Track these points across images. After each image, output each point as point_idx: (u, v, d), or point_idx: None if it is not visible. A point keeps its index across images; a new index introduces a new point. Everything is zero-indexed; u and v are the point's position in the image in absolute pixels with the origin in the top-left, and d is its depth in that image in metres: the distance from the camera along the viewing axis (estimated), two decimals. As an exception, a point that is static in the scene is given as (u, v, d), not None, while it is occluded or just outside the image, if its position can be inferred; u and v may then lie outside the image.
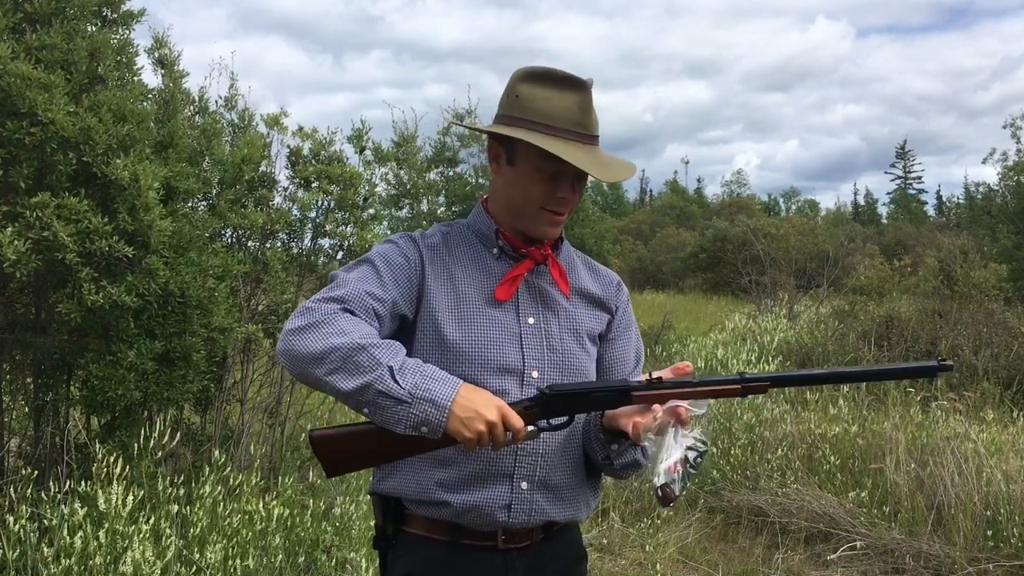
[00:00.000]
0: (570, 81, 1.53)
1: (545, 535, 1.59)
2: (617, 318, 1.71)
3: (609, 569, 4.32)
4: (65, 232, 3.03)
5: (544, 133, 1.49)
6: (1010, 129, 17.05)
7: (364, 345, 1.36)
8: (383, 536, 1.59)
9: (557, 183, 1.53)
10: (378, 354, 1.35)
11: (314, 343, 1.37)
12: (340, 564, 3.61)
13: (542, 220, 1.56)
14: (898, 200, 59.66)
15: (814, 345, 8.39)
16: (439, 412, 1.33)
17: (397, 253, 1.56)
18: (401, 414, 1.34)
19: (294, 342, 1.39)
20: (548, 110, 1.51)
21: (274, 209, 4.47)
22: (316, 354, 1.36)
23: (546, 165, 1.51)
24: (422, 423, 1.34)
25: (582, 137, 1.52)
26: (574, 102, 1.52)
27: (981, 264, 11.87)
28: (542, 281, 1.62)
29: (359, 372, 1.34)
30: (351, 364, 1.35)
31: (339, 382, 1.35)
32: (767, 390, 1.53)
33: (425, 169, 13.79)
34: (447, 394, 1.34)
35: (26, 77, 3.03)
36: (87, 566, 2.90)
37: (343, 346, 1.35)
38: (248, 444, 4.22)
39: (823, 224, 25.66)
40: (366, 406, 1.36)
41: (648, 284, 26.18)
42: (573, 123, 1.51)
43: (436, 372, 1.38)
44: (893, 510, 4.62)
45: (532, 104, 1.52)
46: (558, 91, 1.52)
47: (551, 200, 1.54)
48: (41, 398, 3.74)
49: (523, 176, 1.54)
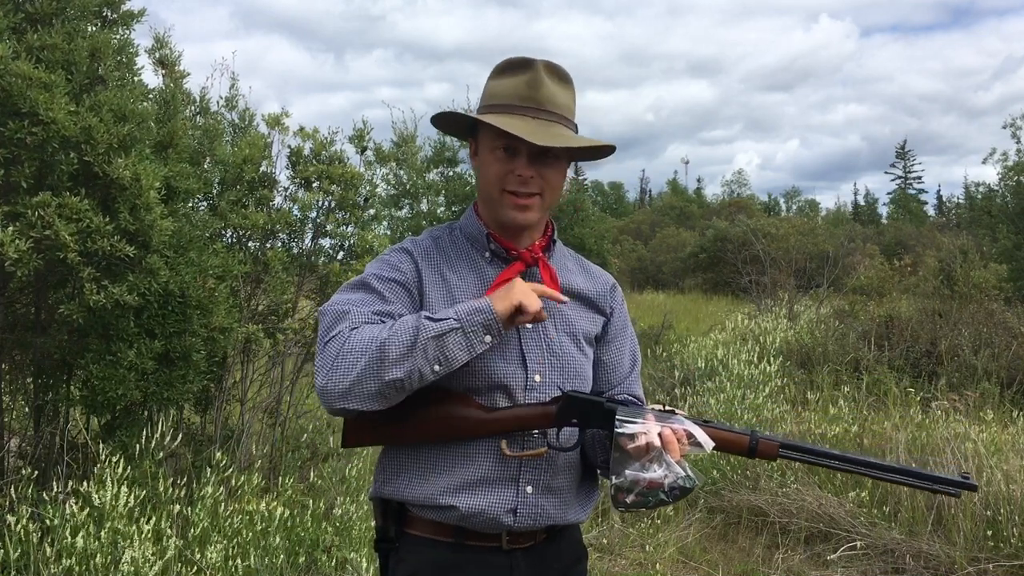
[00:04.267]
0: (519, 62, 1.57)
1: (548, 536, 1.60)
2: (612, 320, 1.71)
3: (609, 569, 4.32)
4: (66, 231, 3.03)
5: (494, 112, 1.54)
6: (1010, 129, 17.02)
7: (390, 334, 1.40)
8: (384, 538, 1.59)
9: (513, 160, 1.53)
10: (407, 324, 1.41)
11: (350, 372, 1.39)
12: (340, 564, 3.61)
13: (506, 203, 1.56)
14: (898, 200, 59.67)
15: (814, 345, 8.38)
16: (486, 314, 1.42)
17: (390, 269, 1.56)
18: (462, 339, 1.41)
19: (330, 386, 1.41)
20: (500, 92, 1.56)
21: (275, 209, 4.47)
22: (361, 375, 1.39)
23: (497, 142, 1.53)
24: (482, 330, 1.42)
25: (532, 111, 1.54)
26: (522, 80, 1.55)
27: (981, 264, 11.86)
28: (534, 283, 1.62)
29: (407, 348, 1.39)
30: (395, 349, 1.38)
31: (398, 370, 1.38)
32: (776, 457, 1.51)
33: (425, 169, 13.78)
34: (483, 304, 1.43)
35: (27, 77, 3.03)
36: (88, 566, 2.90)
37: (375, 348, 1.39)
38: (249, 444, 4.22)
39: (823, 224, 25.68)
40: (434, 363, 1.40)
41: (648, 284, 26.16)
42: (520, 98, 1.54)
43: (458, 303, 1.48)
44: (893, 510, 4.62)
45: (488, 92, 1.59)
46: (511, 75, 1.57)
47: (510, 179, 1.54)
48: (41, 398, 3.74)
49: (484, 160, 1.58)
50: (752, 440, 1.50)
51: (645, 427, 1.43)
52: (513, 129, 1.47)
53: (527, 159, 1.53)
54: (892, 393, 6.21)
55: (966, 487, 1.48)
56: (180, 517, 3.34)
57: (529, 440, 1.52)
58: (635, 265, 28.48)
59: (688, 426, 1.45)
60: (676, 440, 1.43)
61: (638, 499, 1.42)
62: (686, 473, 1.41)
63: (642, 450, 1.42)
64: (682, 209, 42.61)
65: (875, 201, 65.01)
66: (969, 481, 1.48)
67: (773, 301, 11.66)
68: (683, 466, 1.41)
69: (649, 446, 1.41)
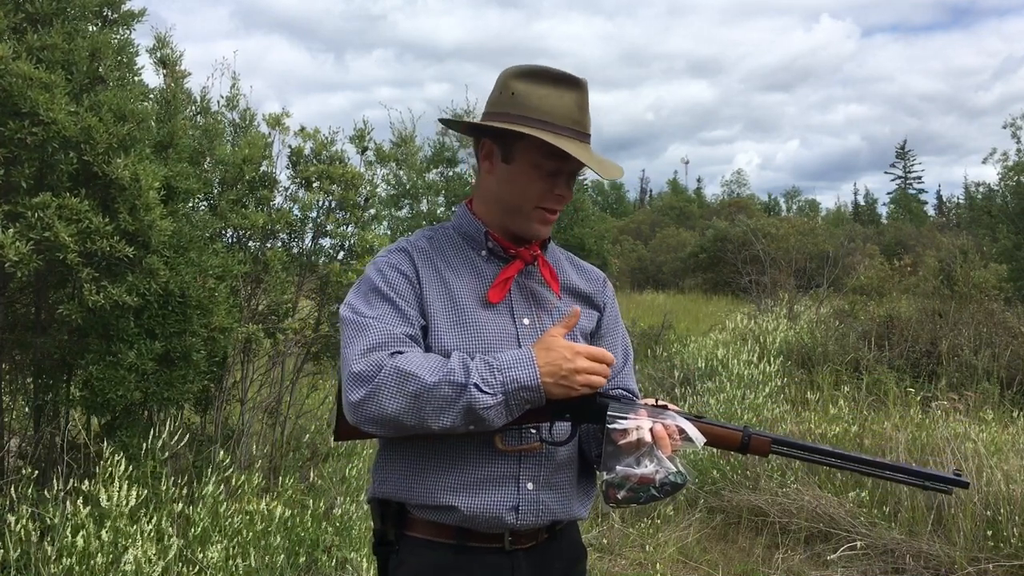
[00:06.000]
0: (567, 79, 1.54)
1: (549, 535, 1.60)
2: (605, 315, 1.72)
3: (609, 569, 4.32)
4: (66, 232, 3.03)
5: (546, 130, 1.49)
6: (1010, 129, 17.03)
7: (438, 381, 1.39)
8: (383, 541, 1.58)
9: (555, 180, 1.53)
10: (456, 379, 1.39)
11: (390, 404, 1.39)
12: (340, 564, 3.61)
13: (535, 218, 1.56)
14: (898, 200, 59.66)
15: (814, 345, 8.38)
16: (534, 392, 1.41)
17: (396, 272, 1.54)
18: (503, 411, 1.41)
19: (368, 411, 1.41)
20: (548, 107, 1.51)
21: (275, 209, 4.47)
22: (399, 411, 1.39)
23: (546, 162, 1.51)
24: (525, 404, 1.42)
25: (579, 135, 1.53)
26: (572, 100, 1.52)
27: (981, 264, 11.85)
28: (532, 281, 1.62)
29: (449, 405, 1.39)
30: (437, 401, 1.39)
31: (436, 422, 1.40)
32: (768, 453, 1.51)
33: (425, 169, 13.78)
34: (531, 374, 1.41)
35: (27, 77, 3.03)
36: (88, 565, 2.90)
37: (420, 392, 1.38)
38: (249, 444, 4.22)
39: (823, 224, 25.68)
40: (471, 424, 1.41)
41: (648, 284, 26.17)
42: (572, 121, 1.52)
43: (505, 359, 1.44)
44: (893, 510, 4.62)
45: (530, 101, 1.51)
46: (556, 89, 1.52)
47: (548, 197, 1.54)
48: (41, 398, 3.74)
49: (521, 173, 1.54)
50: (744, 436, 1.50)
51: (637, 422, 1.43)
52: (588, 161, 1.48)
53: (566, 180, 1.55)
54: (892, 393, 6.22)
55: (958, 484, 1.47)
56: (181, 517, 3.34)
57: (523, 435, 1.52)
58: (635, 265, 28.49)
59: (680, 422, 1.45)
60: (668, 436, 1.43)
61: (629, 495, 1.42)
62: (677, 469, 1.41)
63: (633, 445, 1.42)
64: (682, 209, 42.63)
65: (875, 201, 65.03)
66: (961, 478, 1.48)
67: (773, 301, 11.65)
68: (674, 462, 1.42)
69: (640, 441, 1.42)
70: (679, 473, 1.41)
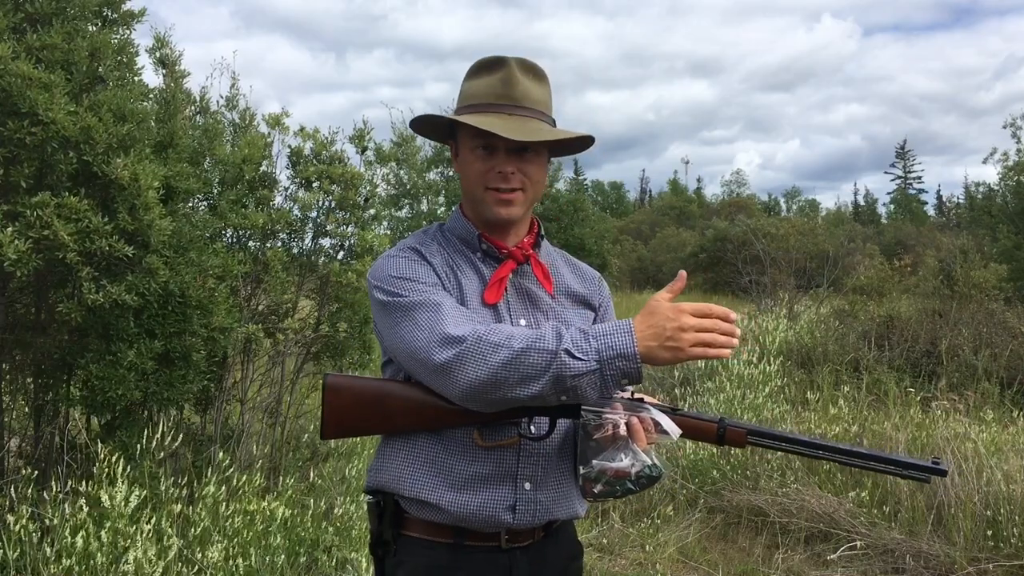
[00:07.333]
0: (492, 61, 1.59)
1: (546, 533, 1.60)
2: (600, 313, 1.73)
3: (609, 569, 4.32)
4: (65, 231, 3.03)
5: (467, 113, 1.55)
6: (1011, 129, 17.03)
7: (527, 346, 1.35)
8: (380, 541, 1.58)
9: (493, 158, 1.55)
10: (546, 345, 1.35)
11: (480, 370, 1.36)
12: (340, 564, 3.61)
13: (489, 200, 1.57)
14: (898, 200, 59.70)
15: (814, 345, 8.38)
16: (630, 361, 1.34)
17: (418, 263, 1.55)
18: (598, 381, 1.35)
19: (460, 378, 1.37)
20: (473, 91, 1.58)
21: (275, 209, 4.46)
22: (490, 378, 1.36)
23: (476, 141, 1.54)
24: (621, 376, 1.35)
25: (507, 108, 1.55)
26: (496, 78, 1.56)
27: (981, 264, 11.87)
28: (527, 281, 1.63)
29: (540, 371, 1.35)
30: (528, 368, 1.35)
31: (527, 390, 1.36)
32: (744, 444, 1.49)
33: (425, 169, 13.79)
34: (627, 341, 1.34)
35: (27, 77, 3.03)
36: (88, 565, 2.90)
37: (510, 357, 1.35)
38: (249, 444, 4.22)
39: (823, 224, 25.64)
40: (564, 393, 1.36)
41: (648, 284, 26.18)
42: (495, 96, 1.55)
43: (604, 328, 1.38)
44: (893, 510, 4.62)
45: (464, 93, 1.60)
46: (485, 74, 1.58)
47: (490, 176, 1.55)
48: (41, 398, 3.74)
49: (465, 161, 1.59)
50: (720, 428, 1.49)
51: (612, 416, 1.43)
52: (488, 126, 1.49)
53: (506, 155, 1.54)
54: (892, 393, 6.21)
55: (936, 472, 1.45)
56: (181, 517, 3.34)
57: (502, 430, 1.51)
58: (635, 265, 28.52)
59: (655, 415, 1.45)
60: (643, 429, 1.43)
61: (605, 488, 1.43)
62: (652, 462, 1.41)
63: (609, 439, 1.42)
64: (682, 209, 42.65)
65: (875, 201, 65.08)
66: (940, 467, 1.45)
67: (773, 301, 11.65)
68: (650, 455, 1.42)
69: (616, 435, 1.42)
70: (654, 466, 1.41)
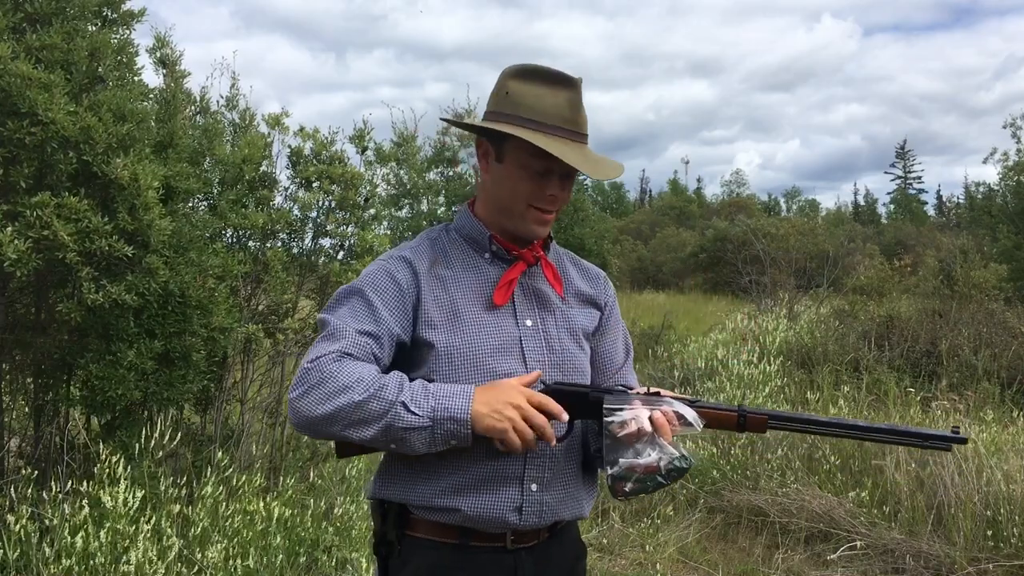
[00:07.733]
0: (561, 78, 1.53)
1: (551, 533, 1.60)
2: (606, 313, 1.73)
3: (609, 569, 4.32)
4: (65, 231, 3.03)
5: (533, 129, 1.49)
6: (1011, 129, 17.04)
7: (369, 396, 1.38)
8: (384, 541, 1.57)
9: (545, 180, 1.53)
10: (386, 395, 1.38)
11: (320, 406, 1.38)
12: (340, 564, 3.61)
13: (529, 218, 1.56)
14: (898, 200, 59.72)
15: (814, 345, 8.38)
16: (461, 425, 1.39)
17: (388, 279, 1.54)
18: (427, 438, 1.39)
19: (301, 409, 1.40)
20: (538, 106, 1.51)
21: (275, 209, 4.46)
22: (326, 416, 1.38)
23: (534, 162, 1.51)
24: (450, 438, 1.39)
25: (571, 135, 1.52)
26: (564, 99, 1.52)
27: (981, 264, 11.87)
28: (536, 282, 1.62)
29: (375, 419, 1.38)
30: (364, 414, 1.37)
31: (358, 433, 1.39)
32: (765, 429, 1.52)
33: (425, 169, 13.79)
34: (463, 405, 1.39)
35: (26, 77, 3.03)
36: (88, 566, 2.90)
37: (349, 403, 1.37)
38: (249, 444, 4.22)
39: (823, 224, 25.65)
40: (393, 443, 1.40)
41: (648, 284, 26.18)
42: (563, 120, 1.51)
43: (445, 389, 1.42)
44: (893, 510, 4.62)
45: (522, 101, 1.52)
46: (549, 88, 1.52)
47: (539, 197, 1.54)
48: (41, 398, 3.74)
49: (511, 173, 1.54)
50: (740, 415, 1.50)
51: (634, 413, 1.43)
52: (570, 160, 1.46)
53: (560, 180, 1.54)
54: (892, 393, 6.21)
55: (956, 440, 1.49)
56: (180, 517, 3.34)
57: None
58: (635, 265, 28.50)
59: (677, 407, 1.45)
60: (667, 422, 1.43)
61: (636, 486, 1.42)
62: (681, 453, 1.41)
63: (634, 436, 1.42)
64: (682, 209, 42.63)
65: (875, 201, 65.08)
66: (959, 435, 1.49)
67: (773, 301, 11.65)
68: (676, 447, 1.42)
69: (640, 431, 1.42)
70: (683, 457, 1.41)
